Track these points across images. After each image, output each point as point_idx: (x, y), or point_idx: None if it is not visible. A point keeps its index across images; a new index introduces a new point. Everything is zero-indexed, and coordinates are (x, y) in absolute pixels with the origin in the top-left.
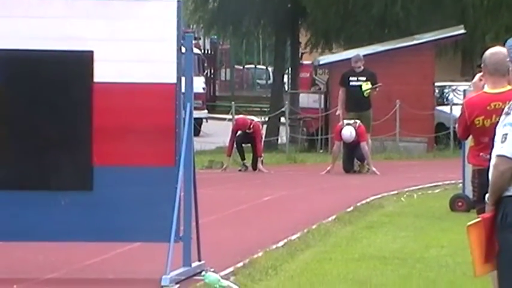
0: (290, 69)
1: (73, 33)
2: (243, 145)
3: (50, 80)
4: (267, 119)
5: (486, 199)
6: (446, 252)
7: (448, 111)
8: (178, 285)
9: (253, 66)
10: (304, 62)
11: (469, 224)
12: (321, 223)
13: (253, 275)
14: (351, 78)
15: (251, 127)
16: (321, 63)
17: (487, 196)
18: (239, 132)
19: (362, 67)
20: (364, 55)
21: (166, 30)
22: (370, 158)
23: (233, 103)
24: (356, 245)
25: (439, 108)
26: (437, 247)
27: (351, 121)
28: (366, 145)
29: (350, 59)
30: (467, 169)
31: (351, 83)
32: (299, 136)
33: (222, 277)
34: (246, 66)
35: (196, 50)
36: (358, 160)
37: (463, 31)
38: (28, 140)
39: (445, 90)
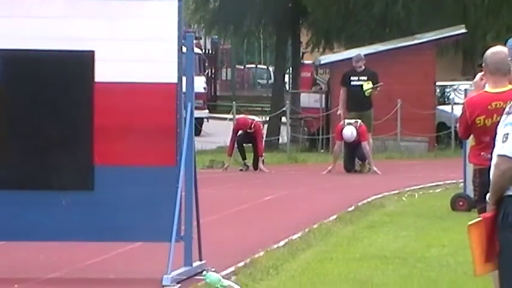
0: (291, 68)
1: (74, 33)
2: (244, 145)
3: (51, 80)
4: (268, 119)
5: (487, 198)
6: (447, 251)
7: (449, 110)
8: (179, 284)
9: (254, 65)
10: (305, 62)
11: (470, 224)
12: (322, 223)
13: (254, 275)
14: (352, 77)
15: (252, 127)
16: (322, 62)
17: (488, 195)
18: (240, 131)
19: (363, 67)
20: (365, 55)
21: (167, 30)
22: (371, 158)
23: (234, 103)
24: (357, 245)
25: (440, 107)
26: (438, 246)
27: (352, 121)
28: (367, 145)
29: (351, 59)
30: (468, 168)
31: (352, 83)
32: (300, 136)
33: (223, 277)
34: (247, 65)
35: (197, 50)
36: (359, 160)
37: (464, 30)
38: (29, 140)
39: (446, 89)
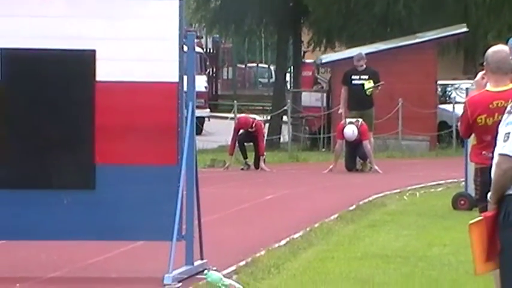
0: (292, 67)
1: (75, 32)
2: (245, 144)
3: (52, 79)
4: (269, 118)
5: (488, 197)
6: (448, 250)
7: (451, 109)
8: (180, 283)
9: (255, 64)
10: (306, 61)
11: (471, 223)
12: (324, 222)
13: (255, 274)
14: (353, 76)
15: (253, 126)
16: (323, 61)
17: (489, 194)
18: (241, 131)
19: (364, 66)
20: (366, 53)
21: (168, 29)
22: (372, 157)
23: (235, 102)
24: (358, 244)
25: (442, 106)
26: (439, 245)
27: (353, 120)
28: (368, 144)
29: (352, 58)
30: (469, 167)
31: (353, 82)
32: (301, 135)
33: (225, 276)
34: (248, 64)
35: (198, 49)
36: (360, 159)
37: (466, 29)
38: (30, 139)
39: (448, 88)
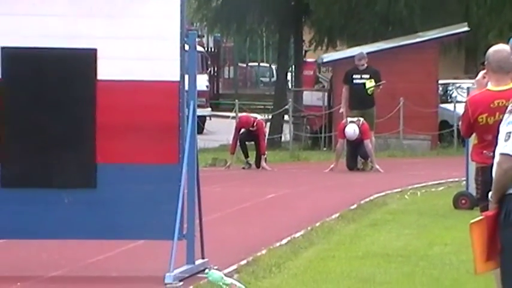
0: (294, 67)
1: (76, 31)
2: (247, 143)
3: (53, 78)
4: (271, 117)
5: (489, 197)
6: (449, 250)
7: (452, 108)
8: (181, 282)
9: (256, 64)
10: (307, 60)
11: (472, 222)
12: (325, 221)
13: (256, 273)
14: (355, 76)
15: (254, 125)
16: (325, 61)
17: (490, 194)
18: (242, 130)
19: (365, 65)
20: (367, 53)
21: (169, 28)
22: (373, 156)
23: (236, 101)
24: (359, 243)
25: (443, 105)
26: (440, 245)
27: (355, 119)
28: (370, 143)
29: (353, 57)
30: (470, 167)
31: (355, 81)
32: (302, 134)
33: (226, 275)
34: (250, 64)
35: (199, 48)
36: (361, 158)
37: (467, 29)
38: (31, 138)
39: (449, 87)
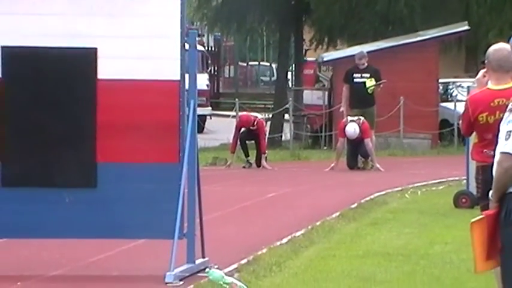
0: (294, 66)
1: (77, 30)
2: (247, 142)
3: (54, 77)
4: (271, 116)
5: (490, 196)
6: (450, 248)
7: (452, 107)
8: (182, 282)
9: (257, 63)
10: (308, 59)
11: (473, 221)
12: (325, 220)
13: (257, 272)
14: (355, 75)
15: (255, 124)
16: (325, 60)
17: (491, 193)
18: (243, 129)
19: (366, 64)
20: (368, 52)
21: (170, 27)
22: (374, 155)
23: (237, 100)
24: (360, 242)
25: (443, 104)
26: (441, 244)
27: (355, 118)
28: (370, 142)
29: (354, 56)
30: (471, 166)
31: (355, 80)
32: (303, 133)
33: (226, 274)
34: (250, 63)
35: (200, 47)
36: (362, 157)
37: (467, 27)
38: (31, 137)
39: (449, 86)
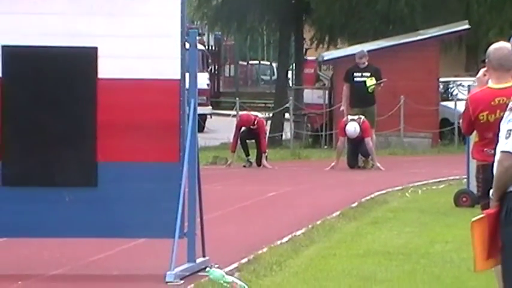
0: (294, 65)
1: (77, 29)
2: (247, 141)
3: (54, 76)
4: (271, 115)
5: (490, 195)
6: (451, 247)
7: (453, 106)
8: (182, 281)
9: (257, 62)
10: (308, 58)
11: (473, 220)
12: (326, 219)
13: (257, 271)
14: (355, 74)
15: (255, 123)
16: (325, 59)
17: (491, 192)
18: (243, 128)
19: (366, 63)
20: (368, 51)
21: (170, 26)
22: (374, 154)
23: (237, 99)
24: (361, 241)
25: (444, 103)
26: (441, 242)
27: (355, 117)
28: (370, 141)
29: (354, 55)
30: (471, 164)
31: (355, 79)
32: (303, 132)
33: (227, 273)
34: (250, 62)
35: (200, 46)
36: (362, 156)
37: (468, 26)
38: (32, 137)
39: (450, 85)
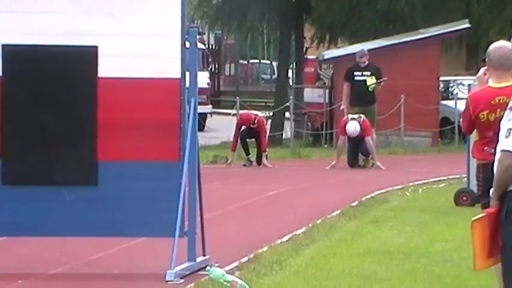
0: (295, 64)
1: (77, 28)
2: (248, 140)
3: (54, 75)
4: (272, 114)
5: (491, 194)
6: (451, 246)
7: (453, 105)
8: (183, 280)
9: (257, 61)
10: (308, 57)
11: (474, 219)
12: (326, 218)
13: (258, 270)
14: (356, 73)
15: (255, 122)
16: (326, 58)
17: (492, 191)
18: (243, 127)
19: (367, 62)
20: (368, 50)
21: (170, 25)
22: (374, 153)
23: (237, 98)
24: (361, 240)
25: (444, 102)
26: (442, 242)
27: (356, 116)
28: (371, 140)
29: (355, 54)
30: (471, 163)
31: (356, 78)
32: (304, 131)
33: (227, 272)
34: (251, 61)
35: (200, 45)
36: (362, 155)
37: (468, 25)
38: (32, 136)
39: (450, 84)
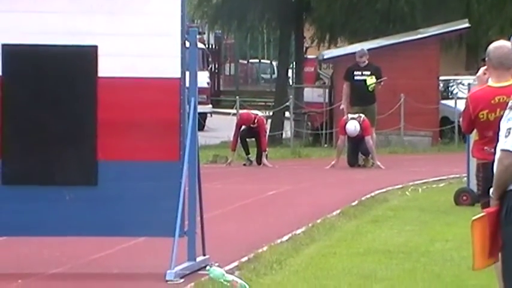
0: (294, 63)
1: (77, 28)
2: (248, 140)
3: (54, 75)
4: (272, 114)
5: (491, 193)
6: (451, 246)
7: (453, 105)
8: (183, 279)
9: (257, 60)
10: (308, 56)
11: (474, 219)
12: (326, 217)
13: (258, 270)
14: (356, 72)
15: (255, 122)
16: (326, 57)
17: (492, 190)
18: (243, 126)
19: (366, 61)
20: (368, 49)
21: (170, 24)
22: (374, 152)
23: (237, 98)
24: (361, 239)
25: (444, 102)
26: (442, 241)
27: (356, 115)
28: (371, 139)
29: (354, 54)
30: (471, 163)
31: (356, 78)
32: (304, 130)
33: (227, 272)
34: (251, 60)
35: (200, 45)
36: (362, 154)
37: (468, 25)
38: (32, 135)
39: (450, 84)
